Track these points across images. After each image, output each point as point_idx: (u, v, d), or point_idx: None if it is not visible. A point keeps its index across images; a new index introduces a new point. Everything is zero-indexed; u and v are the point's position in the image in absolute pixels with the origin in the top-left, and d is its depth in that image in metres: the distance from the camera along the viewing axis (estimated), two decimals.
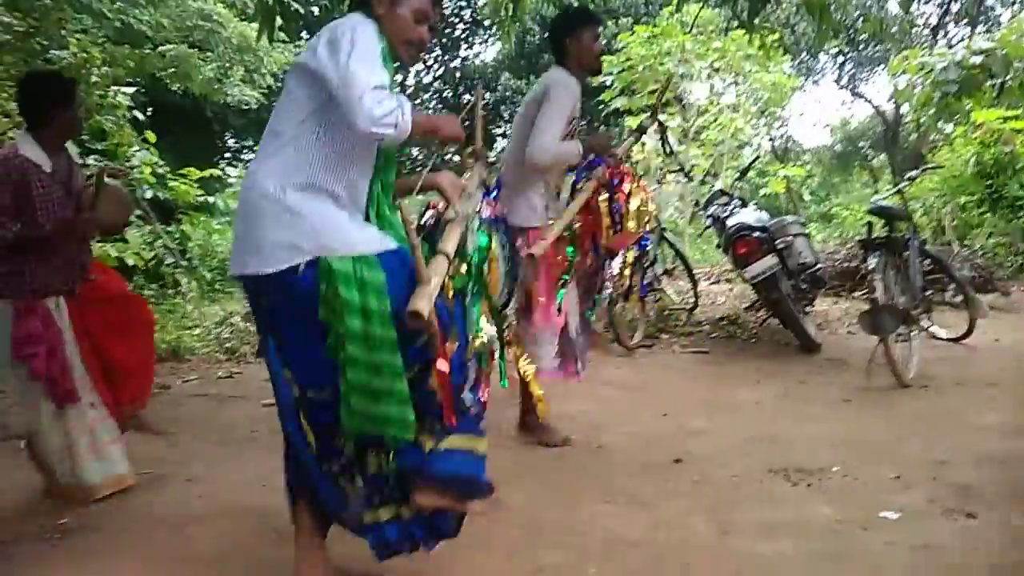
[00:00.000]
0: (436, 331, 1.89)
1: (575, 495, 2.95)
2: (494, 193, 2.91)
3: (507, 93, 17.07)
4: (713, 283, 8.37)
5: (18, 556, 2.56)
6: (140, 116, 7.27)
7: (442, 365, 1.92)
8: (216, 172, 8.68)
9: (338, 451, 2.04)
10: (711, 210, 5.86)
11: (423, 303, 1.81)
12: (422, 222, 2.79)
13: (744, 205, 5.87)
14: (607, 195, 3.46)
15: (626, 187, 3.49)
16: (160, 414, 4.35)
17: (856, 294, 7.02)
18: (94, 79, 5.17)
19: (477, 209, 2.31)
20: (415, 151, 16.18)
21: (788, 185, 11.83)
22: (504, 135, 20.00)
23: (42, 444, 3.01)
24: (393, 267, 1.94)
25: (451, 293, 2.04)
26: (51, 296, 2.95)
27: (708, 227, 6.31)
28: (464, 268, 2.14)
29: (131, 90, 7.14)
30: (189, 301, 7.33)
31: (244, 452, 3.59)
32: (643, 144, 9.29)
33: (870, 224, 4.78)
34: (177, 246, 7.69)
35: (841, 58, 19.53)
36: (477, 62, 18.39)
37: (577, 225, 3.40)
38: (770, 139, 19.69)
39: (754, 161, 6.86)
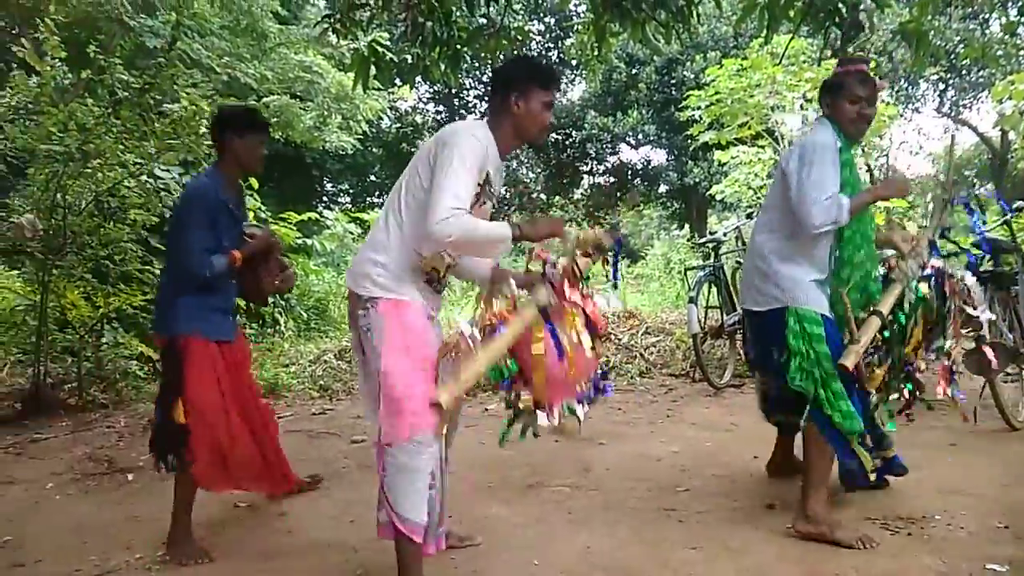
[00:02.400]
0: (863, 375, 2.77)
1: (660, 540, 2.90)
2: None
3: (593, 131, 17.18)
4: None
5: None
6: None
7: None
8: (314, 215, 9.03)
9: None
10: None
11: (849, 359, 2.67)
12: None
13: None
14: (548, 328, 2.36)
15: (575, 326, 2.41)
16: None
17: (962, 332, 6.64)
18: (203, 130, 5.51)
19: (923, 264, 2.92)
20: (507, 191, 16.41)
21: (888, 216, 11.35)
22: (590, 172, 20.05)
23: None
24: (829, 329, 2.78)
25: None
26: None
27: None
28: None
29: None
30: (286, 339, 7.61)
31: (333, 487, 3.69)
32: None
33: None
34: None
35: (942, 85, 18.79)
36: (564, 101, 18.53)
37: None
38: (867, 169, 19.01)
39: None
